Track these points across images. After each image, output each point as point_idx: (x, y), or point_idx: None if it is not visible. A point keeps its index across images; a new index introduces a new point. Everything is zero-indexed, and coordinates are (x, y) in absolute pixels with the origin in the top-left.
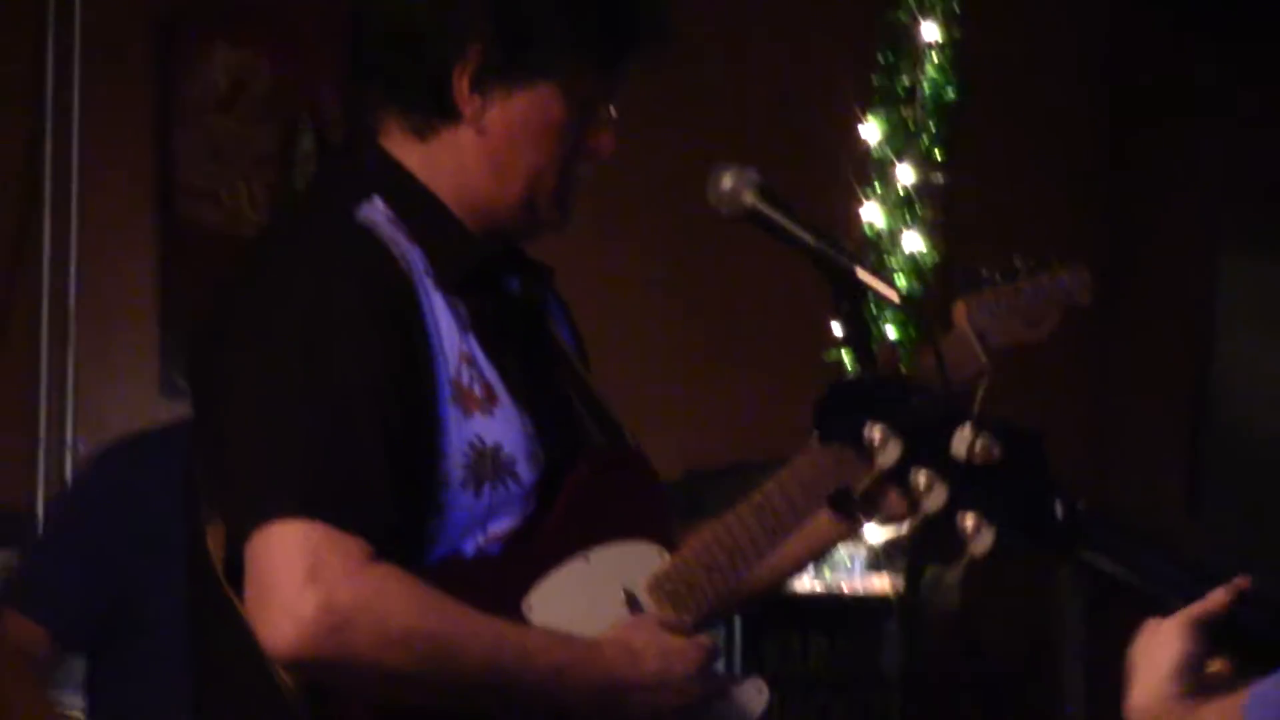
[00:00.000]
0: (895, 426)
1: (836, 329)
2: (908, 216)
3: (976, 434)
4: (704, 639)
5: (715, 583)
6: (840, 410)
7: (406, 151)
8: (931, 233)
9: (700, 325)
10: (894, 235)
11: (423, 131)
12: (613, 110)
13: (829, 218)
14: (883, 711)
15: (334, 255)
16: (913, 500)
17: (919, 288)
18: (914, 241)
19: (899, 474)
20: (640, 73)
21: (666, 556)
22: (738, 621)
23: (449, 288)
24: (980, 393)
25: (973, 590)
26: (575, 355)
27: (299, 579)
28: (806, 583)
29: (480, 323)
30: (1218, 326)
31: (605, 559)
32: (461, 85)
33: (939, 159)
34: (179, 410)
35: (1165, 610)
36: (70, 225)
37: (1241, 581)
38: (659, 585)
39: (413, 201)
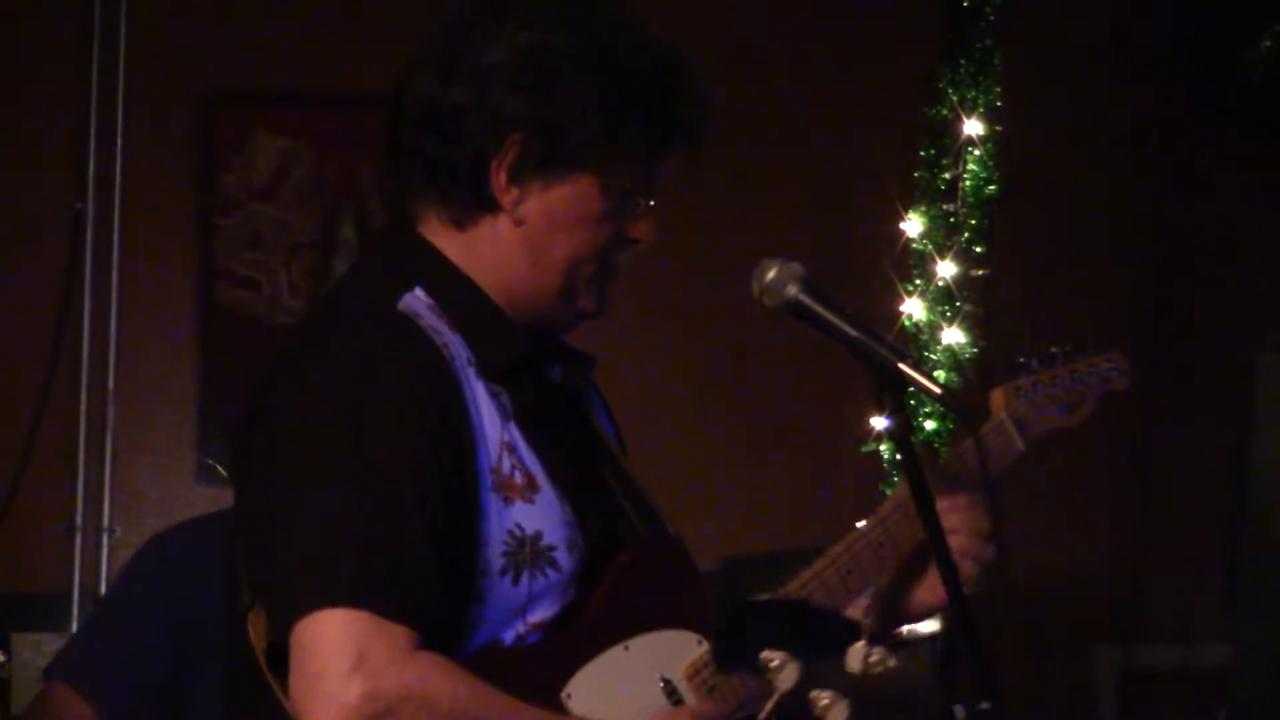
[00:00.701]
0: (792, 649)
1: (875, 421)
2: (948, 311)
3: (870, 648)
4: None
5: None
6: (736, 637)
7: (446, 241)
8: (972, 326)
9: (742, 415)
10: (934, 329)
11: (461, 221)
12: (653, 200)
13: (870, 311)
14: None
15: (376, 343)
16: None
17: (958, 381)
18: (954, 335)
19: (799, 695)
20: (684, 164)
21: (705, 645)
22: None
23: (491, 376)
24: (873, 604)
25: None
26: (615, 445)
27: (345, 667)
28: None
29: (522, 411)
30: (1257, 421)
31: (644, 648)
32: (500, 177)
33: (980, 252)
34: (214, 497)
35: None
36: (110, 310)
37: None
38: (696, 673)
39: (454, 291)
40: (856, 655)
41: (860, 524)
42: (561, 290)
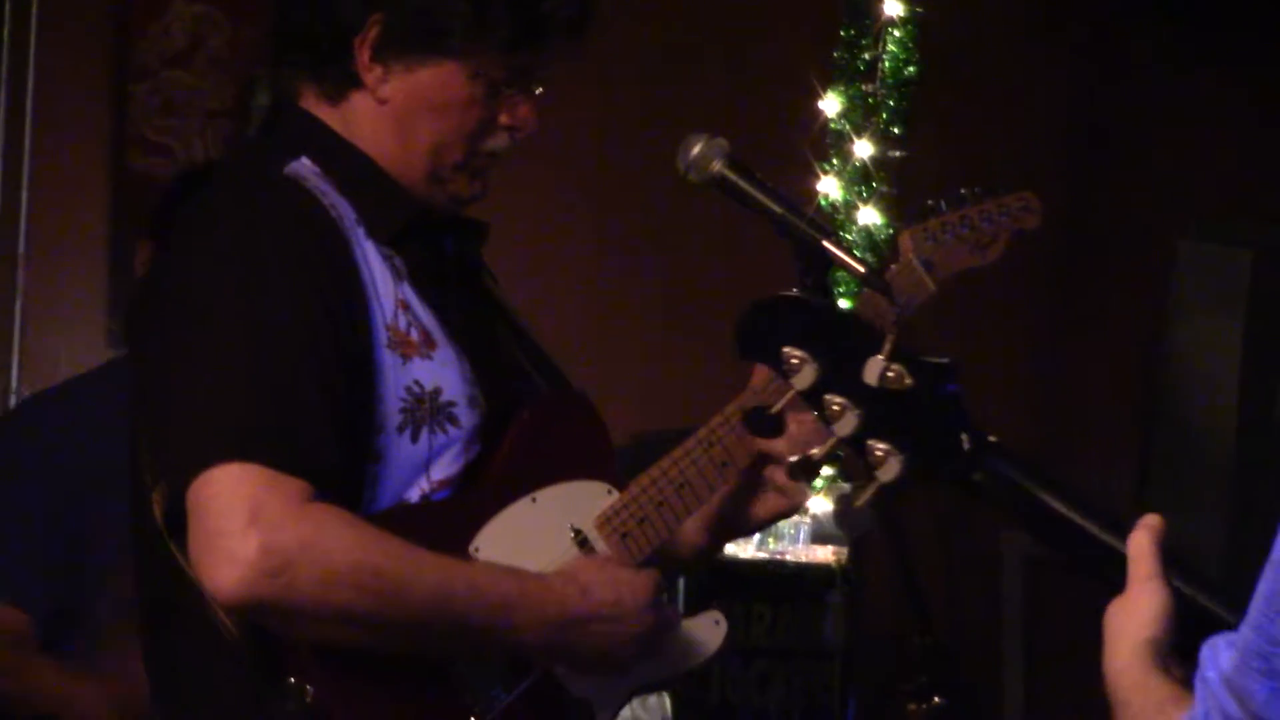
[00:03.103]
0: (812, 351)
1: None
2: (864, 191)
3: (890, 362)
4: (654, 571)
5: (665, 518)
6: (760, 330)
7: (325, 114)
8: (887, 207)
9: (655, 294)
10: (850, 209)
11: (333, 96)
12: (539, 88)
13: (787, 190)
14: (824, 682)
15: (262, 205)
16: (825, 425)
17: (875, 261)
18: (870, 215)
19: (813, 398)
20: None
21: (615, 494)
22: (680, 588)
23: (381, 240)
24: (897, 321)
25: (917, 561)
26: (513, 307)
27: (240, 522)
28: (750, 551)
29: (415, 273)
30: (1171, 311)
31: (552, 499)
32: (363, 54)
33: (897, 133)
34: None
35: (1070, 554)
36: (22, 174)
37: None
38: (608, 522)
39: (339, 158)
40: (875, 368)
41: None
42: (429, 174)
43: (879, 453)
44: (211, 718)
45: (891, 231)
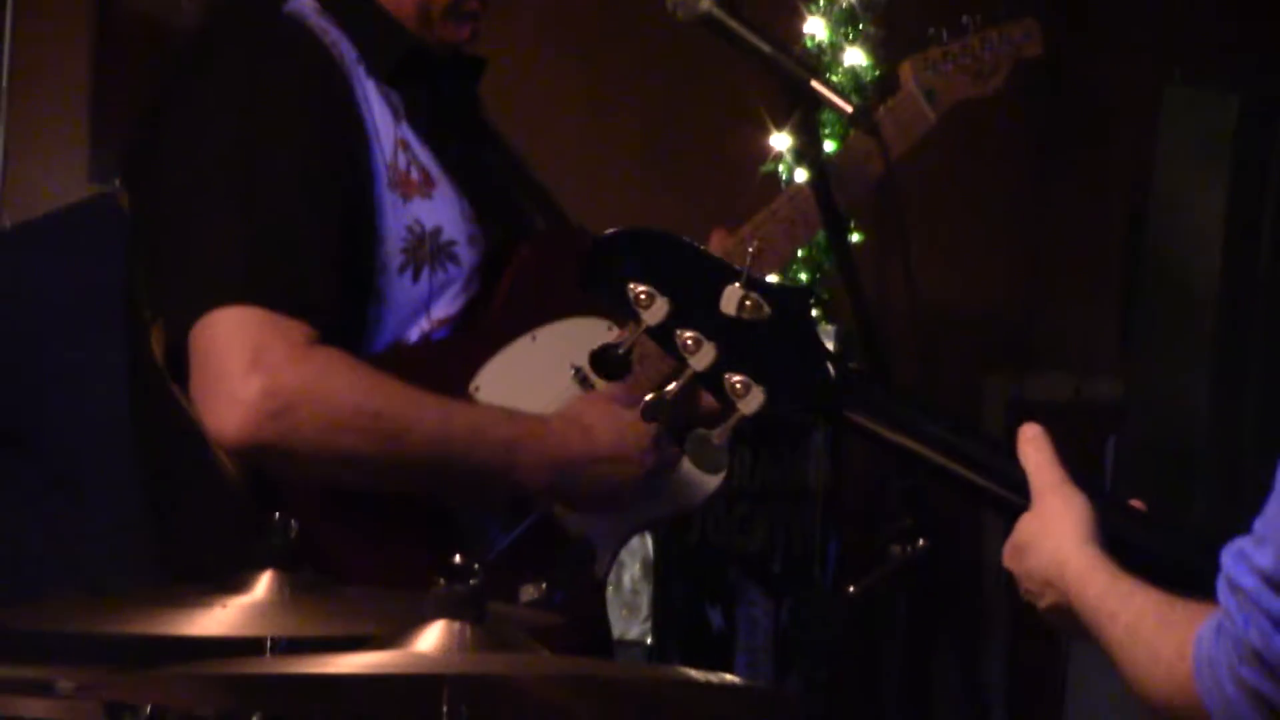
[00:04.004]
0: (662, 284)
1: (774, 142)
2: (850, 32)
3: (746, 292)
4: None
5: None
6: (605, 265)
7: None
8: (874, 48)
9: (636, 134)
10: (835, 49)
11: None
12: None
13: (771, 30)
14: (805, 524)
15: (262, 44)
16: (680, 359)
17: (859, 102)
18: (855, 56)
19: (664, 334)
20: None
21: (615, 330)
22: None
23: (381, 77)
24: (751, 250)
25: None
26: (510, 144)
27: (242, 365)
28: None
29: (414, 111)
30: (1159, 153)
31: (552, 336)
32: None
33: None
34: None
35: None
36: (5, 7)
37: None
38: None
39: None
40: (731, 298)
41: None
42: (418, 14)
43: (738, 385)
44: (210, 555)
45: (878, 73)
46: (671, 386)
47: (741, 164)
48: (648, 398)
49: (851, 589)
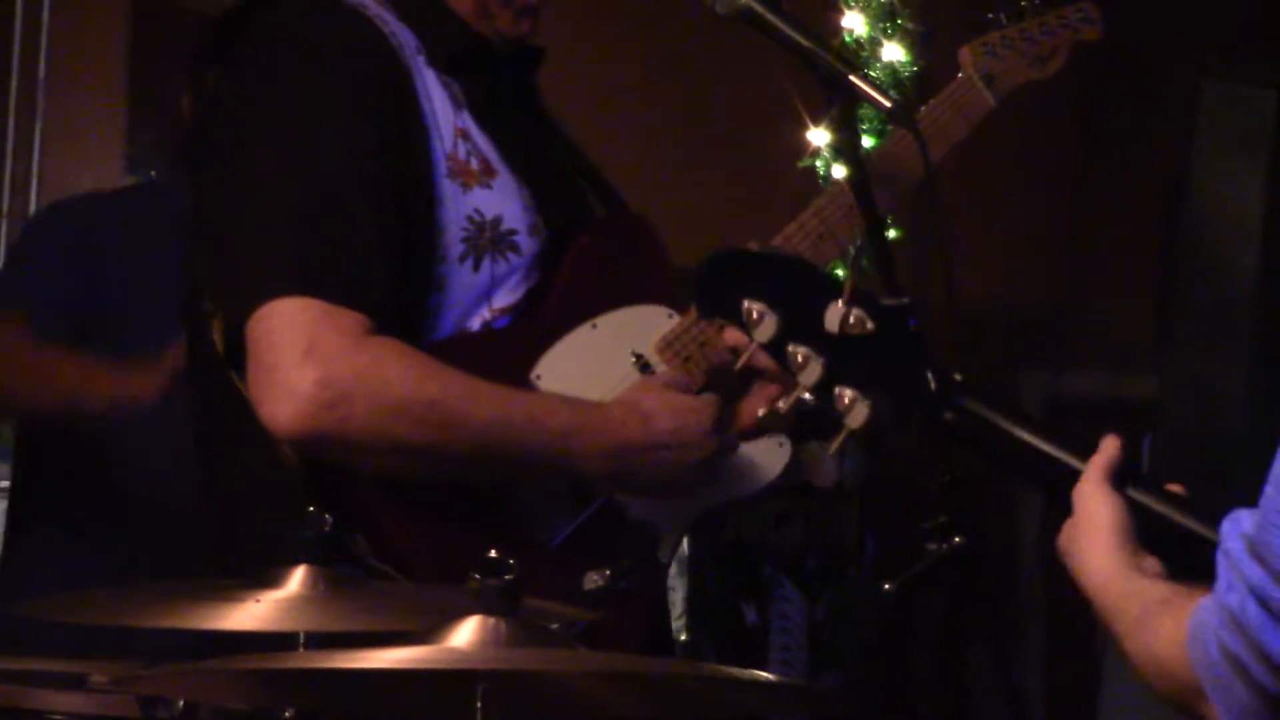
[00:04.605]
0: (772, 302)
1: (812, 136)
2: (889, 27)
3: (849, 308)
4: (715, 396)
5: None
6: (718, 285)
7: None
8: (912, 44)
9: (674, 129)
10: (874, 44)
11: None
12: None
13: (810, 24)
14: (841, 521)
15: (322, 32)
16: (790, 375)
17: (898, 97)
18: (894, 51)
19: (777, 350)
20: None
21: (676, 317)
22: None
23: (441, 67)
24: (850, 272)
25: None
26: (569, 132)
27: (297, 356)
28: None
29: (474, 100)
30: (1196, 148)
31: (613, 324)
32: None
33: None
34: None
35: (1044, 484)
36: (43, 1)
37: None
38: (669, 345)
39: None
40: (835, 315)
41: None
42: (477, 6)
43: (846, 399)
44: (268, 545)
45: (916, 68)
46: (783, 403)
47: (780, 159)
48: (761, 412)
49: (886, 586)
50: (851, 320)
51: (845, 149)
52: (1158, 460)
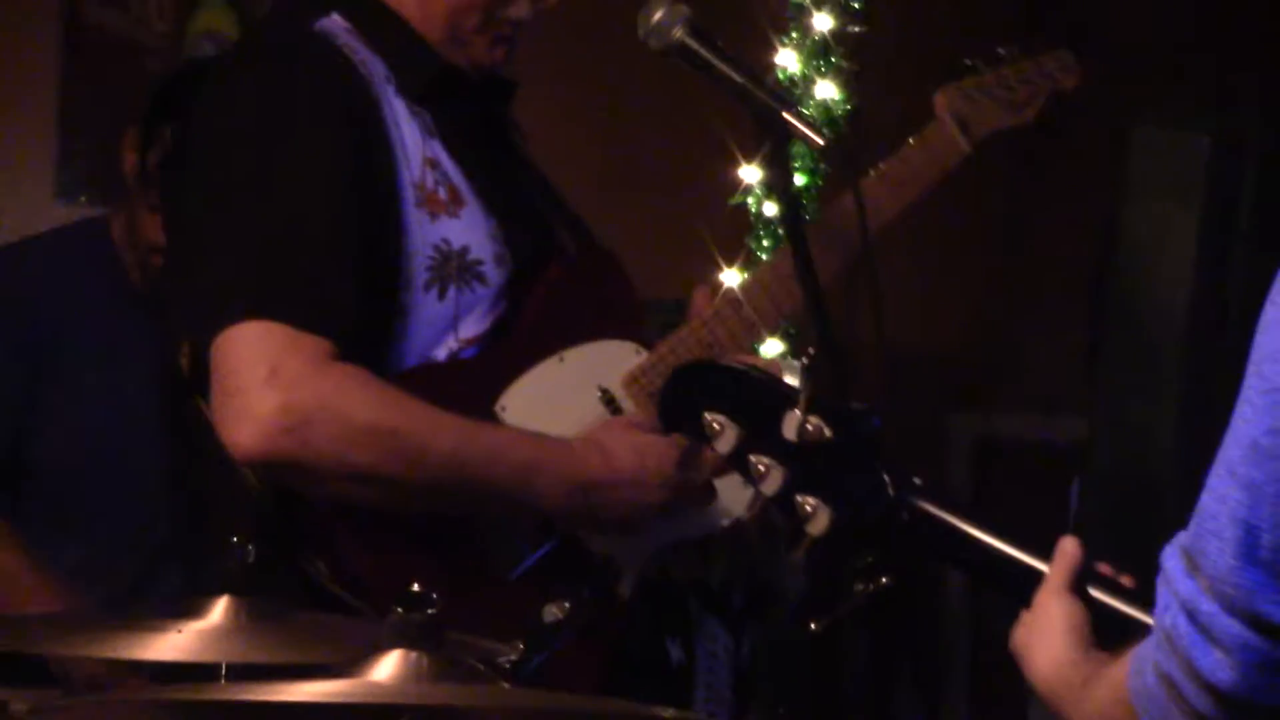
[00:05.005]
0: (732, 413)
1: (743, 173)
2: (823, 65)
3: (806, 416)
4: (680, 437)
5: None
6: (680, 398)
7: None
8: (846, 82)
9: (605, 163)
10: (808, 82)
11: None
12: None
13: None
14: (767, 559)
15: (289, 61)
16: (752, 485)
17: (831, 135)
18: (827, 89)
19: (738, 460)
20: None
21: (644, 354)
22: None
23: (411, 96)
24: (808, 377)
25: None
26: (538, 165)
27: (259, 379)
28: None
29: (444, 130)
30: (1128, 193)
31: (580, 358)
32: None
33: (857, 7)
34: (71, 215)
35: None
36: None
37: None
38: (635, 381)
39: (370, 15)
40: (793, 423)
41: (722, 290)
42: (449, 36)
43: (808, 507)
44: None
45: (849, 107)
46: (746, 514)
47: (713, 196)
48: (725, 524)
49: (813, 626)
50: (809, 428)
51: (777, 186)
52: (1086, 502)
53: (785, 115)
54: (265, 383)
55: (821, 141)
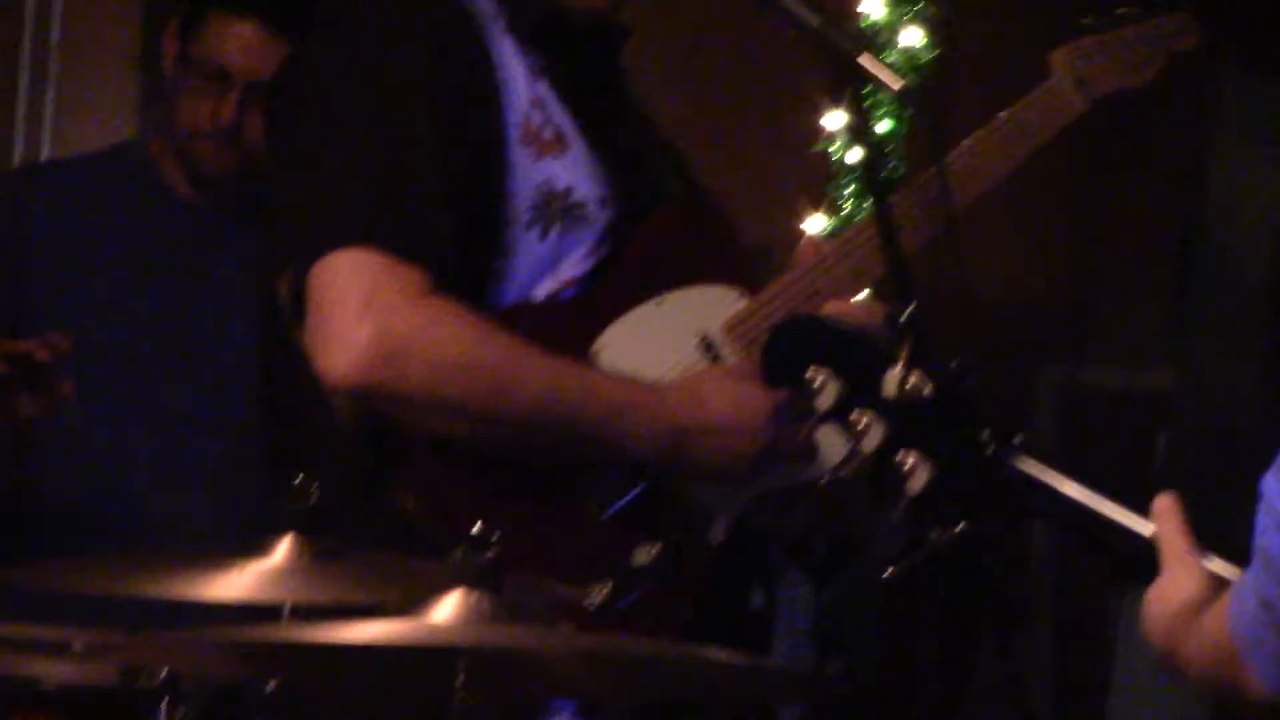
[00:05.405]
0: (835, 368)
1: (826, 121)
2: (907, 11)
3: (906, 372)
4: (779, 391)
5: None
6: (783, 353)
7: None
8: (932, 28)
9: (688, 111)
10: (892, 29)
11: None
12: None
13: (826, 7)
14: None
15: None
16: (853, 440)
17: (916, 81)
18: (912, 35)
19: (838, 416)
20: None
21: (745, 300)
22: None
23: (520, 36)
24: (910, 333)
25: None
26: (648, 110)
27: (355, 307)
28: None
29: (553, 72)
30: (1215, 141)
31: (679, 303)
32: None
33: None
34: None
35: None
36: None
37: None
38: (736, 328)
39: None
40: (893, 380)
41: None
42: None
43: (907, 464)
44: (331, 498)
45: (935, 53)
46: (846, 469)
47: (798, 144)
48: (823, 481)
49: (886, 573)
50: (910, 385)
51: (856, 131)
52: (1171, 453)
53: (862, 59)
54: (360, 311)
55: (897, 86)
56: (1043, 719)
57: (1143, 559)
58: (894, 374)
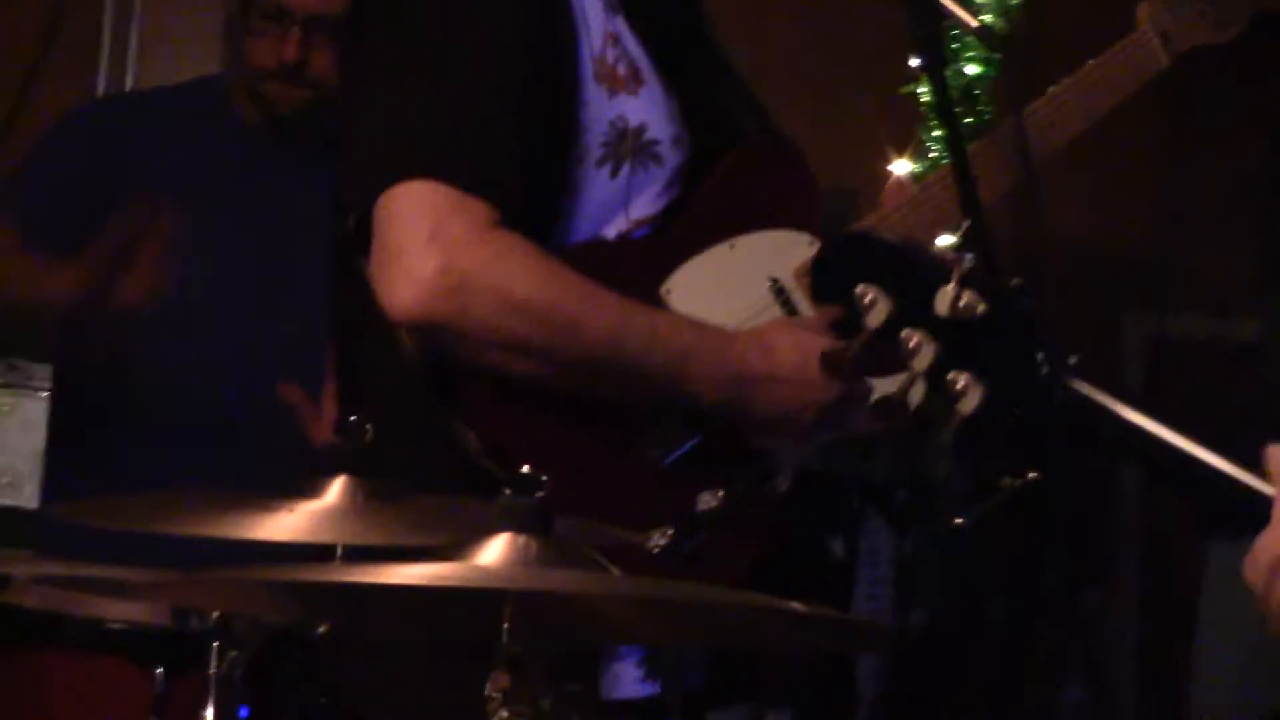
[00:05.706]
0: (886, 286)
1: (915, 62)
2: None
3: (960, 290)
4: (850, 343)
5: None
6: (833, 270)
7: None
8: None
9: (780, 58)
10: None
11: None
12: None
13: None
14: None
15: None
16: (904, 359)
17: (1005, 26)
18: None
19: (889, 334)
20: None
21: (817, 246)
22: None
23: None
24: (964, 251)
25: None
26: (726, 50)
27: (421, 240)
28: None
29: (630, 8)
30: None
31: (751, 246)
32: None
33: None
34: None
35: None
36: None
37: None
38: (808, 274)
39: None
40: (946, 298)
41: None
42: None
43: (959, 384)
44: (390, 435)
45: None
46: (897, 387)
47: (886, 85)
48: (875, 399)
49: (958, 521)
50: (962, 303)
51: (931, 71)
52: (1258, 402)
53: None
54: (426, 243)
55: (975, 24)
56: (1125, 681)
57: (1229, 507)
58: (947, 291)
